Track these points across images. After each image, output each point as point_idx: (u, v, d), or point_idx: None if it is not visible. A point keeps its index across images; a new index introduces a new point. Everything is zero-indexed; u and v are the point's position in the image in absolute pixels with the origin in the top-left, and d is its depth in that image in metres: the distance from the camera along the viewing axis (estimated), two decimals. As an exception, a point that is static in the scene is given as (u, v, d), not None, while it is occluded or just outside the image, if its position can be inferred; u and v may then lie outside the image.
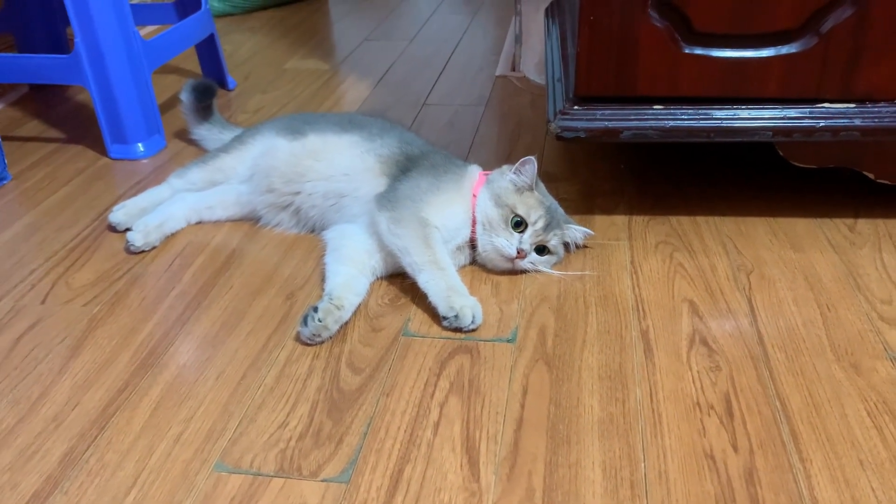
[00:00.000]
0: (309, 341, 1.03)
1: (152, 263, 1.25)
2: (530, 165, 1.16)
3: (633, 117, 1.20)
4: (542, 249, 1.16)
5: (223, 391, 0.97)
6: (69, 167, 1.61)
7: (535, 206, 1.15)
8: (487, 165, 1.52)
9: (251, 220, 1.35)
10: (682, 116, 1.20)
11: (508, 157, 1.57)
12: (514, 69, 2.04)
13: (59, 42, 2.03)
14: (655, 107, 1.20)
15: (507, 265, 1.15)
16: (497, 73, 2.05)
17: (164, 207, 1.33)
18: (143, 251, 1.28)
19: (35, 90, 2.05)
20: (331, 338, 1.04)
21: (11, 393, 0.98)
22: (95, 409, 0.94)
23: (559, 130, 1.21)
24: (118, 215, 1.33)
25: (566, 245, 1.19)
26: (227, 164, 1.37)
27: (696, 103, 1.20)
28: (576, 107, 1.22)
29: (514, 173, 1.17)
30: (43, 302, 1.16)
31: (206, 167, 1.38)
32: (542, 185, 1.21)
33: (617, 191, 1.41)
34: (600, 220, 1.32)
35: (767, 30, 1.15)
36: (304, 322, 1.03)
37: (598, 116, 1.21)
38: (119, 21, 1.56)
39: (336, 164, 1.26)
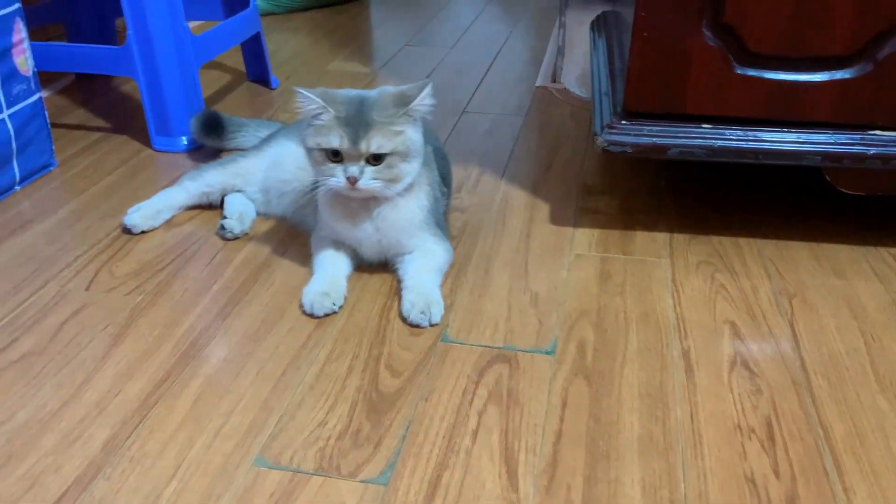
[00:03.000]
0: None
1: (194, 257, 1.26)
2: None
3: (680, 135, 1.20)
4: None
5: (263, 387, 0.97)
6: (113, 156, 1.63)
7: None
8: (526, 176, 1.53)
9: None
10: (731, 137, 1.19)
11: (548, 167, 1.57)
12: (554, 80, 2.04)
13: (108, 33, 2.06)
14: (704, 126, 1.20)
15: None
16: (537, 84, 2.05)
17: (235, 199, 1.35)
18: (236, 238, 1.30)
19: (81, 79, 2.08)
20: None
21: (56, 377, 0.99)
22: (137, 397, 0.96)
23: (606, 144, 1.21)
24: (134, 218, 1.32)
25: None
26: (246, 169, 1.37)
27: (745, 124, 1.19)
28: (623, 121, 1.22)
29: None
30: (87, 288, 1.18)
31: (224, 170, 1.37)
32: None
33: (657, 207, 1.40)
34: (641, 235, 1.31)
35: (822, 54, 1.14)
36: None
37: (645, 132, 1.21)
38: (171, 15, 1.58)
39: None
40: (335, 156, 1.07)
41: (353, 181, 1.05)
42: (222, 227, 1.30)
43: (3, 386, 0.97)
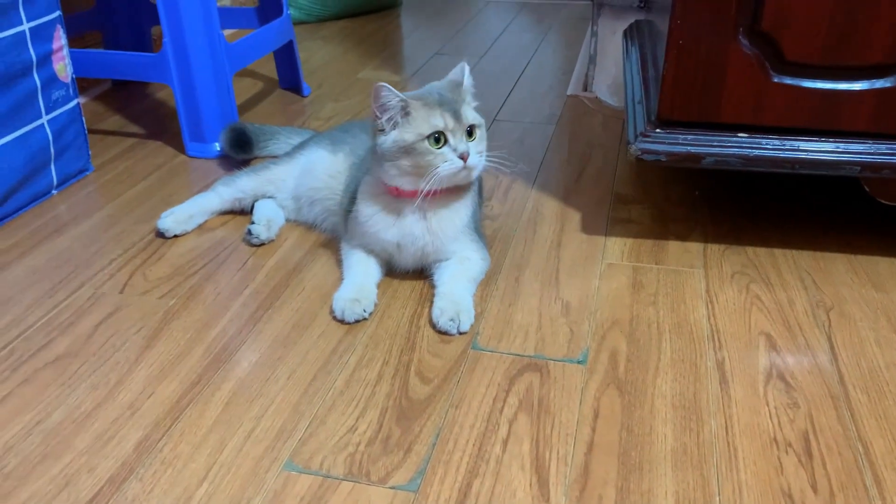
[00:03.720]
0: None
1: (226, 261, 1.27)
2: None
3: (715, 144, 1.19)
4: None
5: (294, 391, 0.97)
6: (148, 162, 1.66)
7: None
8: (557, 184, 1.52)
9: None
10: (767, 146, 1.18)
11: (580, 176, 1.56)
12: (585, 89, 2.03)
13: (143, 41, 2.09)
14: (739, 134, 1.18)
15: None
16: (568, 93, 2.04)
17: (265, 205, 1.36)
18: (262, 244, 1.31)
19: (117, 86, 2.12)
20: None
21: (90, 378, 1.00)
22: (169, 399, 0.96)
23: (639, 153, 1.20)
24: (167, 222, 1.34)
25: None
26: (278, 176, 1.38)
27: (782, 133, 1.18)
28: (657, 130, 1.21)
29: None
30: (121, 291, 1.19)
31: (256, 177, 1.38)
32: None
33: (691, 217, 1.39)
34: (674, 245, 1.30)
35: (862, 63, 1.12)
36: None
37: (679, 141, 1.20)
38: (206, 24, 1.60)
39: None
40: (437, 142, 1.07)
41: (465, 157, 1.07)
42: (249, 233, 1.31)
43: (39, 386, 0.99)
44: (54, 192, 1.51)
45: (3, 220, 1.40)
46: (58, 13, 1.46)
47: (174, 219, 1.34)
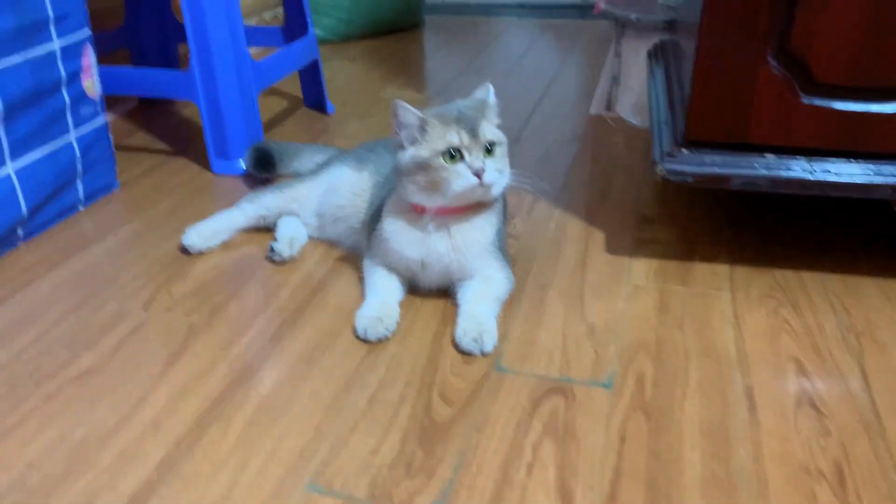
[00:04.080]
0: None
1: (250, 279, 1.27)
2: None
3: (743, 165, 1.17)
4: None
5: (316, 411, 0.97)
6: (174, 179, 1.67)
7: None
8: (581, 204, 1.51)
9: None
10: (796, 168, 1.16)
11: (604, 196, 1.55)
12: (608, 109, 2.03)
13: (171, 59, 2.12)
14: (768, 156, 1.17)
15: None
16: (591, 112, 2.04)
17: (288, 223, 1.36)
18: (284, 262, 1.31)
19: (143, 103, 2.14)
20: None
21: (114, 395, 1.00)
22: (192, 417, 0.96)
23: (666, 173, 1.19)
24: (192, 238, 1.34)
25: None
26: (302, 194, 1.38)
27: (812, 155, 1.16)
28: (684, 150, 1.20)
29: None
30: (145, 308, 1.19)
31: (281, 195, 1.39)
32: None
33: (717, 238, 1.37)
34: (700, 267, 1.28)
35: (894, 84, 1.10)
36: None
37: (706, 162, 1.18)
38: (233, 42, 1.62)
39: None
40: (452, 158, 1.07)
41: (481, 173, 1.06)
42: (271, 250, 1.31)
43: (63, 402, 0.99)
44: (81, 207, 1.53)
45: (31, 236, 1.41)
46: (88, 32, 1.48)
47: (199, 235, 1.35)
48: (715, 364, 1.05)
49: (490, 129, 1.10)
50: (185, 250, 1.35)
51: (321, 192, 1.37)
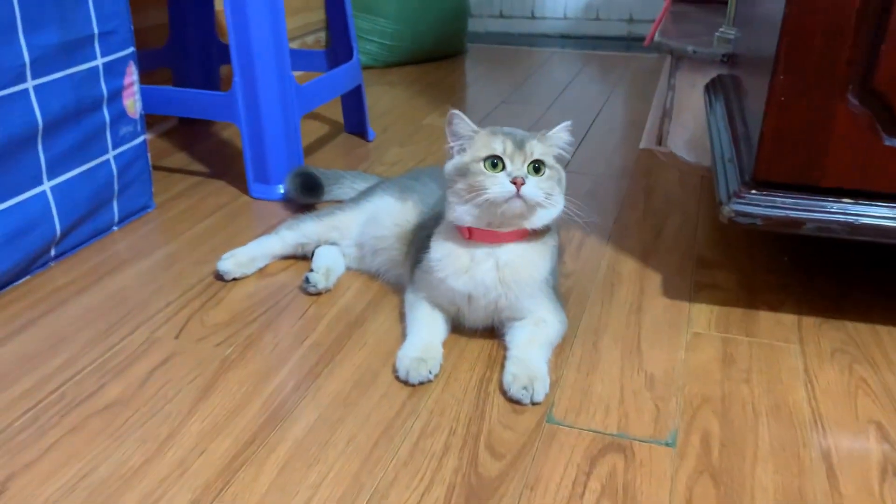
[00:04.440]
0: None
1: (286, 309, 1.22)
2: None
3: (817, 209, 1.09)
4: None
5: (354, 459, 0.90)
6: (210, 201, 1.63)
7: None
8: (634, 242, 1.44)
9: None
10: (876, 214, 1.08)
11: (658, 235, 1.48)
12: (659, 143, 1.96)
13: (212, 80, 2.09)
14: (844, 200, 1.09)
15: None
16: (641, 146, 1.97)
17: (326, 252, 1.31)
18: (319, 293, 1.26)
19: (183, 124, 2.12)
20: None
21: (140, 430, 0.94)
22: (222, 459, 0.90)
23: (733, 215, 1.11)
24: (228, 264, 1.29)
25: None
26: (343, 223, 1.33)
27: (893, 200, 1.08)
28: (753, 191, 1.12)
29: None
30: (177, 337, 1.14)
31: (321, 223, 1.33)
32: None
33: (782, 285, 1.29)
34: (765, 316, 1.20)
35: None
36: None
37: (777, 204, 1.11)
38: (277, 64, 1.58)
39: None
40: (493, 167, 1.02)
41: (519, 183, 0.99)
42: (307, 280, 1.25)
43: (88, 436, 0.93)
44: (115, 228, 1.49)
45: (63, 256, 1.37)
46: (132, 49, 1.45)
47: (235, 261, 1.30)
48: (788, 424, 0.96)
49: (540, 148, 1.03)
50: (219, 276, 1.29)
51: (362, 222, 1.31)
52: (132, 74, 1.47)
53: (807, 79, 1.05)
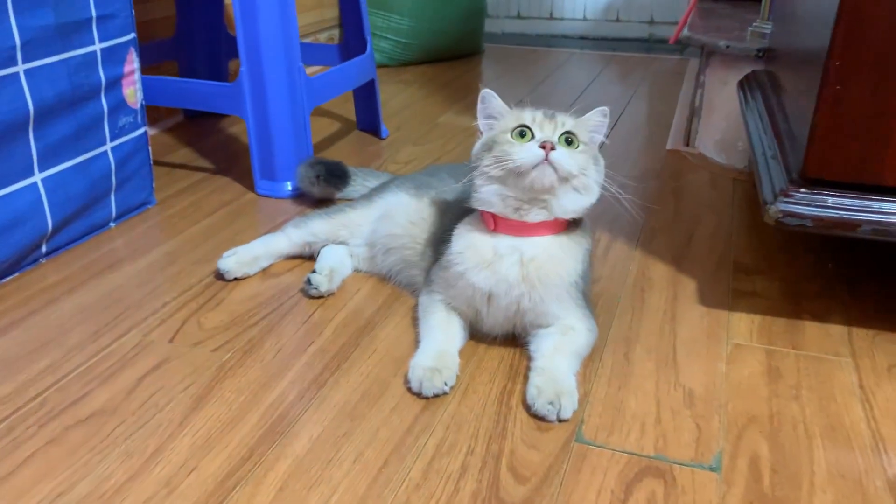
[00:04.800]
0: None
1: (290, 312, 1.13)
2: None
3: (874, 210, 0.99)
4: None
5: (361, 479, 0.80)
6: (214, 198, 1.54)
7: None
8: (665, 247, 1.34)
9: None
10: (940, 215, 0.98)
11: (690, 239, 1.38)
12: (687, 144, 1.86)
13: (220, 74, 2.02)
14: (905, 200, 0.99)
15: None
16: (668, 147, 1.87)
17: (331, 252, 1.22)
18: (321, 296, 1.17)
19: (189, 118, 2.04)
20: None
21: (126, 443, 0.85)
22: (214, 478, 0.80)
23: (780, 215, 1.02)
24: (229, 263, 1.20)
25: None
26: (354, 221, 1.24)
27: (959, 201, 0.98)
28: (802, 189, 1.02)
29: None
30: (171, 340, 1.05)
31: (330, 220, 1.24)
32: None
33: (827, 293, 1.18)
34: (811, 327, 1.09)
35: None
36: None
37: (829, 204, 1.01)
38: (286, 54, 1.49)
39: None
40: (521, 136, 0.95)
41: (549, 147, 0.91)
42: (308, 282, 1.16)
43: (67, 449, 0.84)
44: (112, 224, 1.40)
45: (55, 252, 1.29)
46: (132, 35, 1.37)
47: (237, 259, 1.21)
48: (845, 448, 0.86)
49: (571, 122, 0.97)
50: (220, 275, 1.21)
51: (374, 219, 1.22)
52: (133, 62, 1.39)
53: (864, 69, 0.96)
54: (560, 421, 0.89)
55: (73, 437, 0.86)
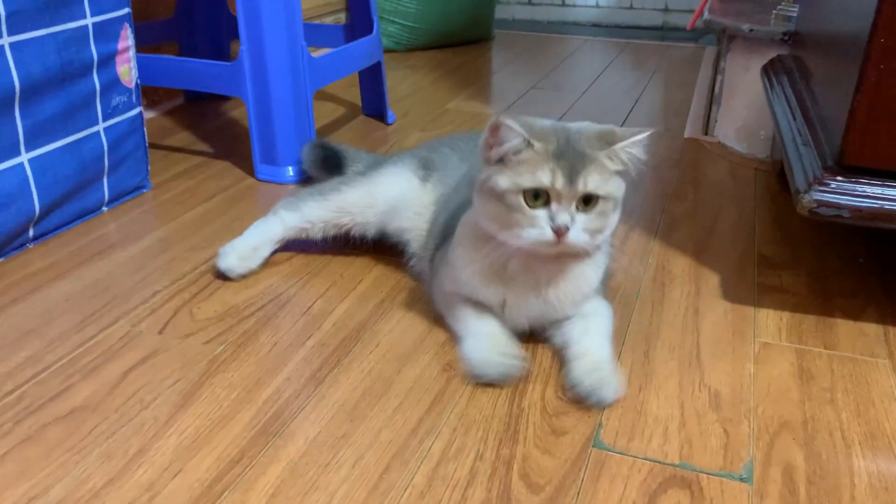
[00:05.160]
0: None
1: (289, 303, 1.06)
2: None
3: (917, 200, 0.92)
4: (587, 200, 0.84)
5: (360, 486, 0.74)
6: (212, 183, 1.48)
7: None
8: (686, 239, 1.27)
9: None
10: None
11: (711, 231, 1.31)
12: (706, 133, 1.78)
13: (221, 55, 1.95)
14: (950, 190, 0.92)
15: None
16: (686, 136, 1.79)
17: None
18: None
19: (190, 101, 1.97)
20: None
21: (107, 443, 0.79)
22: (200, 483, 0.74)
23: (814, 205, 0.94)
24: (230, 260, 1.10)
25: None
26: (353, 204, 1.13)
27: None
28: (838, 178, 0.95)
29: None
30: (161, 332, 0.99)
31: (326, 203, 1.13)
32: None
33: (860, 290, 1.11)
34: (844, 325, 1.02)
35: None
36: None
37: (868, 193, 0.93)
38: (288, 32, 1.42)
39: None
40: (536, 199, 0.83)
41: (561, 233, 0.81)
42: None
43: (44, 449, 0.78)
44: (105, 208, 1.34)
45: (44, 237, 1.22)
46: (126, 10, 1.30)
47: (237, 255, 1.11)
48: (888, 457, 0.79)
49: (596, 179, 0.83)
50: (222, 275, 1.11)
51: (381, 212, 1.12)
52: (127, 38, 1.32)
53: (910, 44, 0.88)
54: (602, 407, 0.84)
55: (51, 435, 0.80)
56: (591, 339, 0.90)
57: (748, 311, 1.05)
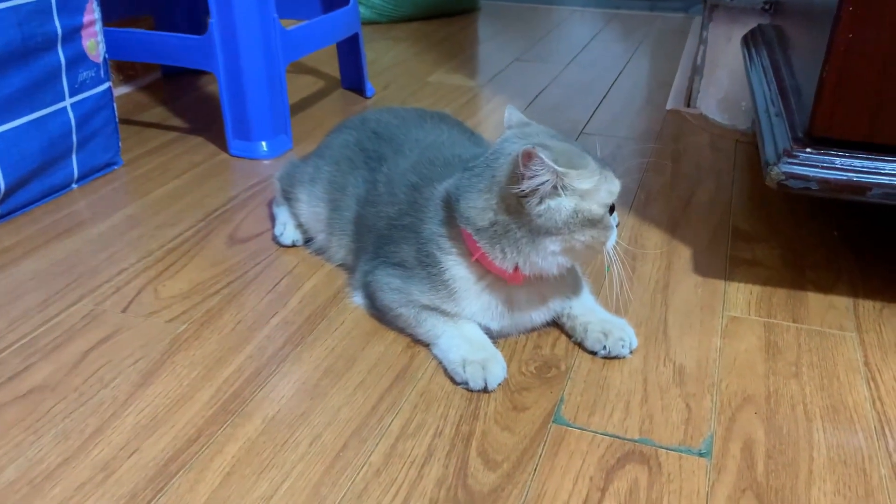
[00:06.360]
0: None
1: (255, 280, 1.05)
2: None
3: (886, 172, 0.91)
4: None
5: (317, 464, 0.74)
6: (184, 159, 1.46)
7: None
8: (660, 212, 1.26)
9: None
10: (958, 178, 0.89)
11: (687, 204, 1.29)
12: (688, 105, 1.76)
13: (199, 30, 1.91)
14: (920, 161, 0.90)
15: None
16: (668, 108, 1.77)
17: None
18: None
19: (167, 77, 1.94)
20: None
21: (63, 422, 0.78)
22: (156, 462, 0.74)
23: (783, 178, 0.93)
24: (288, 236, 1.13)
25: None
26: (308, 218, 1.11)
27: (980, 162, 0.89)
28: (808, 149, 0.93)
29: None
30: (124, 310, 0.98)
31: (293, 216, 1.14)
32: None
33: (831, 263, 1.10)
34: (814, 298, 1.02)
35: None
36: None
37: (837, 165, 0.92)
38: (259, 3, 1.40)
39: None
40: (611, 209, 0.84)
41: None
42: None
43: (1, 429, 0.77)
44: (74, 186, 1.32)
45: (12, 215, 1.21)
46: (92, -18, 1.28)
47: (292, 227, 1.14)
48: (847, 431, 0.78)
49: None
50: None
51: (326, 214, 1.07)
52: (93, 11, 1.29)
53: (882, 12, 0.86)
54: (630, 354, 0.88)
55: (8, 415, 0.79)
56: (590, 308, 0.93)
57: (719, 285, 1.04)
